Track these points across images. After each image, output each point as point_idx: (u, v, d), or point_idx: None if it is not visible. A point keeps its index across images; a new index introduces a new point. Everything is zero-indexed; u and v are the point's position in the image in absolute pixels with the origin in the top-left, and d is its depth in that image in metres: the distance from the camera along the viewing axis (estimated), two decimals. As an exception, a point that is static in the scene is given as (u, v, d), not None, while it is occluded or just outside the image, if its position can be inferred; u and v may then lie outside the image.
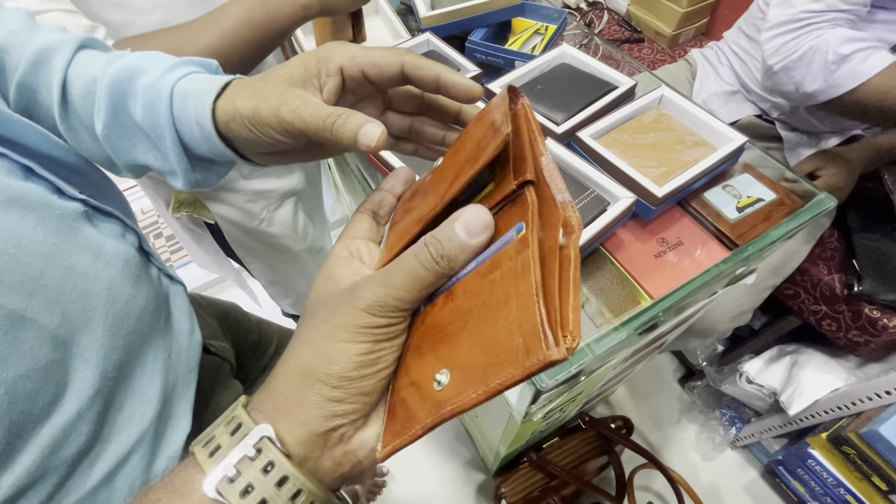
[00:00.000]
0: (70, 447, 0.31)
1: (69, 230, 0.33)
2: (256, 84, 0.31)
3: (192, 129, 0.32)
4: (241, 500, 0.19)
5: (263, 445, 0.20)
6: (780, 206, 0.52)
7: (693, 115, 0.56)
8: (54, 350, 0.30)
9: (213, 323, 0.61)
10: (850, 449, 0.81)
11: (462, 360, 0.19)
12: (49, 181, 0.34)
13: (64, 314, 0.31)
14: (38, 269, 0.29)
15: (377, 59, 0.29)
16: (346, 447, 0.22)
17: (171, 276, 0.46)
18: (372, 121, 0.27)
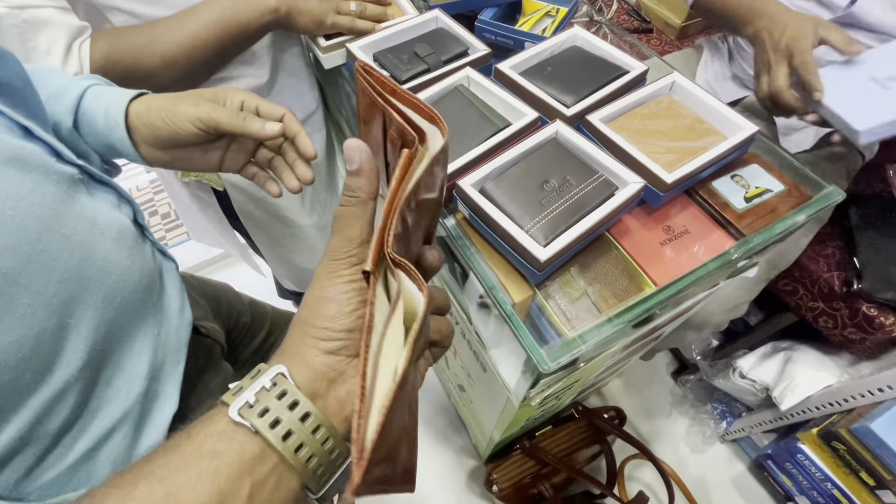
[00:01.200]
0: (55, 419, 0.31)
1: (66, 196, 0.32)
2: (173, 94, 0.42)
3: (95, 118, 0.41)
4: (258, 419, 0.22)
5: (278, 379, 0.23)
6: (788, 198, 0.52)
7: (704, 102, 0.55)
8: (48, 318, 0.29)
9: (204, 304, 0.60)
10: (840, 444, 0.82)
11: None
12: (47, 143, 0.33)
13: (60, 282, 0.30)
14: (35, 234, 0.29)
15: (269, 105, 0.43)
16: (347, 387, 0.25)
17: (164, 252, 0.45)
18: (271, 122, 0.42)
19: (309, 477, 0.23)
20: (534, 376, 0.48)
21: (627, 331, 0.51)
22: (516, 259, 0.46)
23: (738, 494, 1.14)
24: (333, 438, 0.24)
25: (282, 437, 0.22)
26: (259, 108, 0.43)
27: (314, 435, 0.23)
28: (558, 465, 0.94)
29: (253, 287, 0.80)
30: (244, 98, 0.43)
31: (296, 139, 0.44)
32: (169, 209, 1.71)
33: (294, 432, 0.22)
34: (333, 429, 0.24)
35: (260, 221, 0.78)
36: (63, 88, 0.41)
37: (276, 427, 0.22)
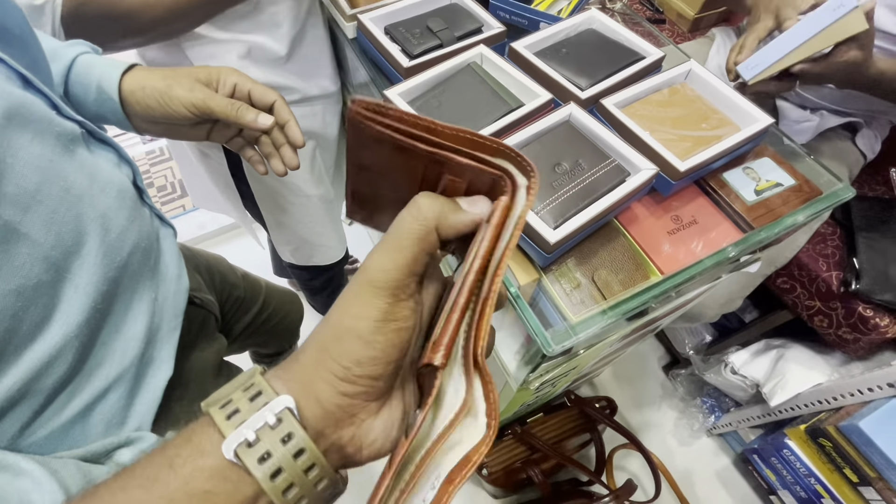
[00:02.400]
0: (52, 375, 0.31)
1: (65, 150, 0.32)
2: (167, 72, 0.43)
3: (87, 90, 0.41)
4: (258, 465, 0.19)
5: (284, 416, 0.20)
6: (799, 193, 0.51)
7: (720, 92, 0.54)
8: (46, 270, 0.29)
9: (199, 276, 0.60)
10: (826, 441, 0.83)
11: None
12: (46, 96, 0.33)
13: (58, 235, 0.30)
14: (34, 184, 0.28)
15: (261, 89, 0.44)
16: (355, 430, 0.22)
17: (161, 217, 0.45)
18: (264, 114, 0.44)
19: None
20: (536, 359, 0.48)
21: (630, 319, 0.51)
22: (524, 241, 0.45)
23: (721, 487, 1.16)
24: (331, 483, 0.21)
25: (282, 491, 0.19)
26: (252, 92, 0.44)
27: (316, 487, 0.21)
28: (549, 451, 0.95)
29: (247, 263, 0.79)
30: (237, 81, 0.44)
31: (286, 127, 0.46)
32: (165, 182, 1.69)
33: (296, 485, 0.20)
34: (332, 476, 0.21)
35: (268, 186, 0.77)
36: (52, 54, 0.41)
37: (276, 478, 0.19)
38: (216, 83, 0.43)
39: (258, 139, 0.47)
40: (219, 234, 1.57)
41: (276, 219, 0.84)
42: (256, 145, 0.49)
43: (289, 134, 0.46)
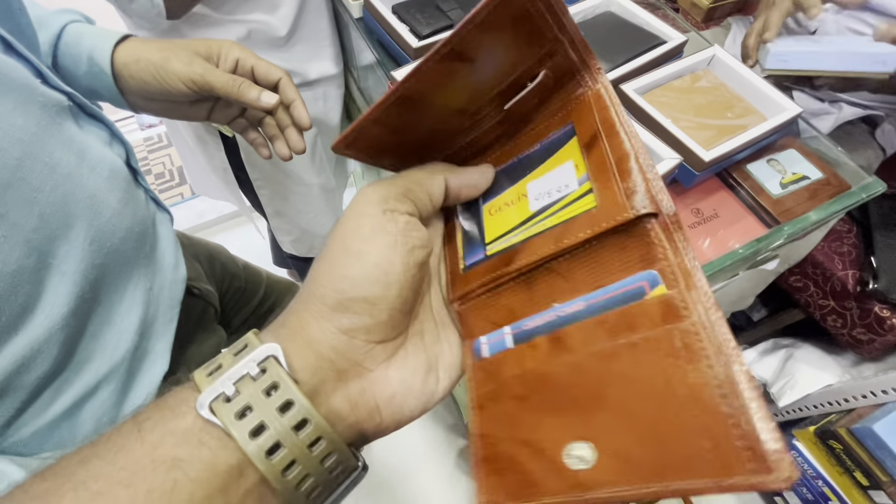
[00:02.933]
0: (35, 370, 0.28)
1: (51, 123, 0.29)
2: (164, 44, 0.39)
3: (78, 62, 0.39)
4: (236, 421, 0.16)
5: (269, 365, 0.17)
6: (826, 187, 0.49)
7: (745, 79, 0.51)
8: (27, 255, 0.26)
9: (198, 265, 0.57)
10: (836, 444, 0.82)
11: (610, 441, 0.16)
12: (31, 63, 0.30)
13: (42, 216, 0.27)
14: (15, 159, 0.26)
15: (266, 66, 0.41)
16: (363, 383, 0.19)
17: (158, 201, 0.43)
18: (268, 91, 0.40)
19: (296, 497, 0.17)
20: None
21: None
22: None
23: (724, 486, 1.15)
24: (338, 453, 0.17)
25: (266, 452, 0.16)
26: (255, 68, 0.40)
27: (311, 450, 0.16)
28: (552, 448, 0.94)
29: (247, 252, 0.77)
30: (239, 56, 0.40)
31: (291, 107, 0.42)
32: (163, 169, 1.66)
33: (284, 446, 0.16)
34: (336, 440, 0.17)
35: (267, 174, 0.75)
36: (38, 22, 0.37)
37: (259, 436, 0.16)
38: (217, 57, 0.40)
39: (262, 120, 0.44)
40: (217, 223, 1.54)
41: (276, 208, 0.82)
42: (260, 127, 0.45)
43: (294, 115, 0.42)
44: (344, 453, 0.17)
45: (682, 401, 0.15)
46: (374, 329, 0.18)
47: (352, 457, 0.18)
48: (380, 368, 0.19)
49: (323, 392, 0.18)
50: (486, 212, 0.24)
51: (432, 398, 0.20)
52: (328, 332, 0.18)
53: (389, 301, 0.18)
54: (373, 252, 0.18)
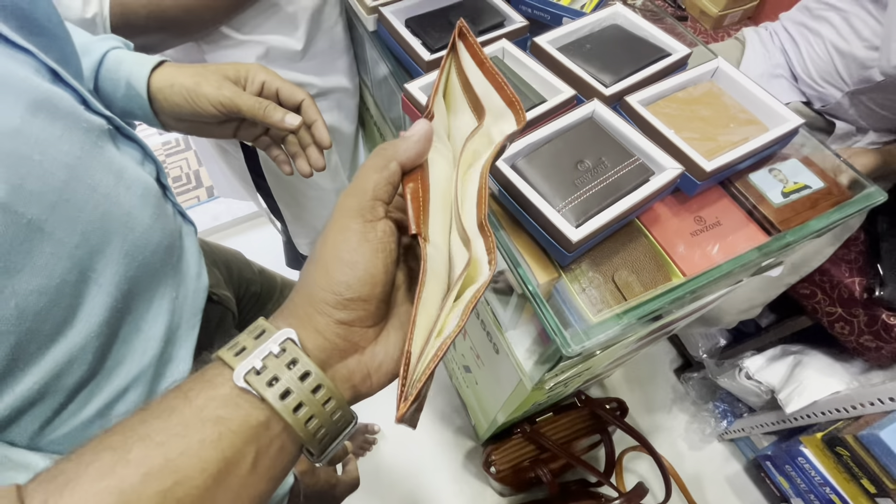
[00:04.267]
0: (72, 375, 0.30)
1: (94, 146, 0.31)
2: (196, 69, 0.42)
3: (117, 86, 0.42)
4: (267, 388, 0.21)
5: (287, 346, 0.22)
6: (828, 196, 0.50)
7: (748, 91, 0.53)
8: (69, 270, 0.28)
9: (216, 271, 0.60)
10: (844, 451, 0.82)
11: None
12: (75, 90, 0.32)
13: (83, 234, 0.29)
14: (61, 182, 0.28)
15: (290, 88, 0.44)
16: (359, 357, 0.24)
17: (184, 214, 0.45)
18: (292, 113, 0.43)
19: (312, 441, 0.23)
20: (554, 359, 0.48)
21: (650, 320, 0.51)
22: (545, 239, 0.44)
23: (732, 493, 1.15)
24: (342, 409, 0.23)
25: (293, 410, 0.21)
26: (280, 91, 0.44)
27: (325, 407, 0.22)
28: (558, 451, 0.95)
29: (260, 254, 0.79)
30: (265, 79, 0.43)
31: (313, 127, 0.45)
32: (180, 172, 1.70)
33: (305, 404, 0.22)
34: (341, 399, 0.23)
35: (284, 181, 0.78)
36: (83, 48, 0.41)
37: (286, 398, 0.21)
38: (244, 80, 0.43)
39: (284, 138, 0.47)
40: (232, 226, 1.58)
41: (293, 212, 0.84)
42: (283, 144, 0.48)
43: (316, 134, 0.45)
44: (346, 409, 0.23)
45: None
46: (366, 319, 0.24)
47: (350, 411, 0.24)
48: (370, 346, 0.24)
49: (330, 366, 0.23)
50: None
51: None
52: (331, 323, 0.23)
53: (377, 296, 0.23)
54: (361, 261, 0.23)
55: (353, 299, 0.23)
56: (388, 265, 0.24)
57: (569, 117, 0.49)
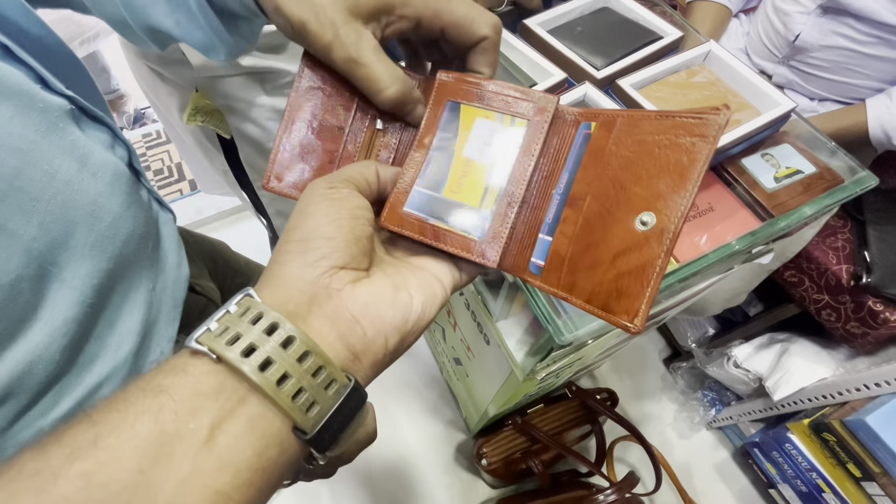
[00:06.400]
0: (36, 375, 0.28)
1: (52, 129, 0.28)
2: None
3: None
4: (215, 339, 0.19)
5: (245, 301, 0.20)
6: (820, 180, 0.50)
7: (740, 74, 0.52)
8: (26, 265, 0.26)
9: (200, 262, 0.57)
10: (830, 436, 0.83)
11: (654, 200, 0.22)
12: (31, 67, 0.29)
13: (41, 225, 0.27)
14: (12, 168, 0.25)
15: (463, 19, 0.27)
16: (335, 302, 0.21)
17: (161, 201, 0.42)
18: None
19: (288, 404, 0.18)
20: (546, 349, 0.47)
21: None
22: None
23: (720, 480, 1.16)
24: (315, 356, 0.19)
25: (242, 353, 0.18)
26: None
27: (285, 349, 0.19)
28: (549, 442, 0.94)
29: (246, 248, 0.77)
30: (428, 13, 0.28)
31: None
32: (162, 165, 1.66)
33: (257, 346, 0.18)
34: (313, 344, 0.19)
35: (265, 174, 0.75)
36: None
37: (235, 343, 0.18)
38: (390, 14, 0.28)
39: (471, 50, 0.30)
40: (217, 220, 1.54)
41: (277, 208, 0.82)
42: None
43: None
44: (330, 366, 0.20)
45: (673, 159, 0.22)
46: (333, 255, 0.22)
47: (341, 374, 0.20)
48: (346, 287, 0.22)
49: (299, 315, 0.20)
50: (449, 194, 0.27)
51: (409, 311, 0.23)
52: (295, 269, 0.21)
53: (344, 236, 0.22)
54: (322, 209, 0.22)
55: (314, 239, 0.22)
56: (354, 216, 0.23)
57: (560, 100, 0.48)
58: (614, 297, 0.22)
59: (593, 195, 0.24)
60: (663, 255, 0.21)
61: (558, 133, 0.26)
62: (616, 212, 0.23)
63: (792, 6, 0.80)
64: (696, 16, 0.90)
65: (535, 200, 0.26)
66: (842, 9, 0.73)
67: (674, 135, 0.22)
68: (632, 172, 0.23)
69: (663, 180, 0.21)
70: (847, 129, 0.77)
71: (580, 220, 0.24)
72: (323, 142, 0.30)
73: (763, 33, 0.88)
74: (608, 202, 0.23)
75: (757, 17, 0.91)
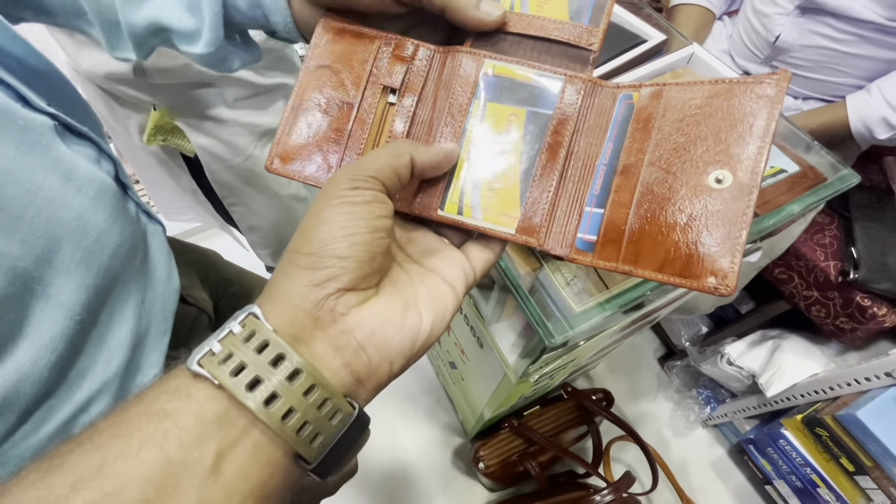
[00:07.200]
0: (24, 393, 0.28)
1: (34, 146, 0.28)
2: None
3: None
4: (219, 366, 0.18)
5: (248, 321, 0.20)
6: (803, 179, 0.50)
7: (723, 76, 0.53)
8: (11, 283, 0.26)
9: (191, 272, 0.57)
10: (823, 431, 0.84)
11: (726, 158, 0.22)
12: (10, 86, 0.29)
13: (24, 243, 0.26)
14: None
15: None
16: (340, 326, 0.20)
17: (149, 213, 0.41)
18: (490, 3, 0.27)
19: (292, 438, 0.18)
20: (537, 351, 0.47)
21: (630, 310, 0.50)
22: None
23: (717, 477, 1.17)
24: (320, 388, 0.19)
25: (247, 386, 0.18)
26: None
27: (290, 383, 0.18)
28: (546, 444, 0.95)
29: (239, 258, 0.76)
30: None
31: None
32: (152, 174, 1.65)
33: (263, 380, 0.18)
34: (320, 377, 0.19)
35: (235, 190, 0.73)
36: None
37: (240, 374, 0.18)
38: None
39: None
40: (206, 229, 1.53)
41: (249, 223, 0.80)
42: None
43: None
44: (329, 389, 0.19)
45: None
46: (342, 277, 0.20)
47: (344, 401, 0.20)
48: (353, 311, 0.21)
49: (303, 340, 0.20)
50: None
51: (418, 333, 0.22)
52: (301, 287, 0.20)
53: (357, 256, 0.21)
54: (340, 218, 0.21)
55: (326, 256, 0.20)
56: (374, 227, 0.21)
57: (546, 105, 0.48)
58: (695, 261, 0.21)
59: (651, 161, 0.24)
60: (748, 210, 0.21)
61: (595, 104, 0.26)
62: (682, 175, 0.23)
63: (771, 8, 0.81)
64: (680, 19, 0.92)
65: (578, 172, 0.26)
66: (819, 8, 0.75)
67: (736, 97, 0.22)
68: (693, 135, 0.23)
69: (732, 139, 0.22)
70: (829, 124, 0.78)
71: (638, 188, 0.24)
72: (331, 119, 0.28)
73: (744, 35, 0.89)
74: (670, 166, 0.23)
75: (738, 20, 0.92)
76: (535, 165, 0.26)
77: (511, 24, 0.27)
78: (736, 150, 0.22)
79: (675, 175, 0.23)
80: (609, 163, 0.25)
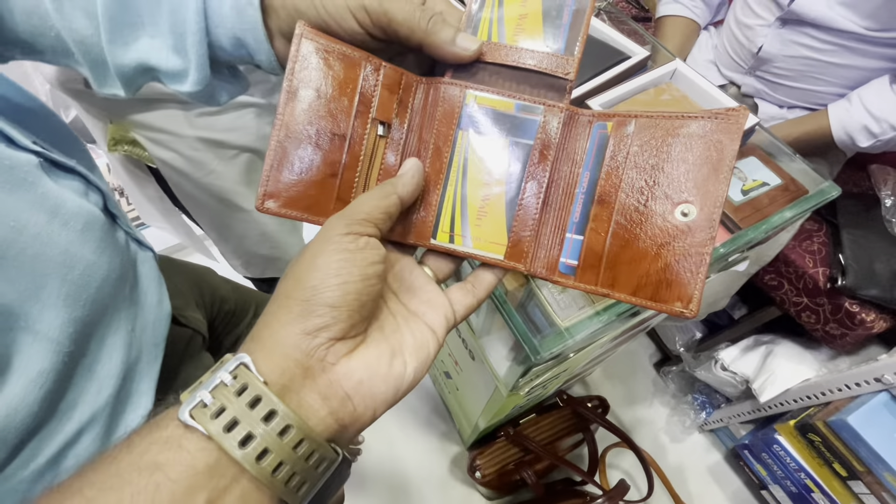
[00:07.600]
0: (14, 428, 0.28)
1: (19, 184, 0.28)
2: None
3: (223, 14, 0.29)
4: (212, 421, 0.18)
5: (239, 372, 0.20)
6: (785, 192, 0.51)
7: (705, 91, 0.54)
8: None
9: (185, 290, 0.56)
10: (815, 436, 0.84)
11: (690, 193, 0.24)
12: None
13: (9, 281, 0.27)
14: None
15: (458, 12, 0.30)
16: (329, 376, 0.21)
17: (139, 240, 0.41)
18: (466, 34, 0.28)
19: (281, 489, 0.19)
20: (525, 365, 0.48)
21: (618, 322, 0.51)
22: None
23: (713, 482, 1.17)
24: (308, 441, 0.20)
25: (240, 443, 0.18)
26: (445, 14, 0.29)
27: (281, 438, 0.19)
28: (542, 452, 0.95)
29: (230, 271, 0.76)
30: None
31: None
32: (149, 186, 1.65)
33: (255, 436, 0.18)
34: (308, 430, 0.20)
35: (201, 202, 0.71)
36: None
37: (233, 430, 0.18)
38: None
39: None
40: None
41: (218, 234, 0.79)
42: None
43: None
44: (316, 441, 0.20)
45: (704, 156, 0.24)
46: (333, 327, 0.21)
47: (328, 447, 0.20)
48: (342, 361, 0.22)
49: (293, 389, 0.20)
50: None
51: (402, 381, 0.23)
52: (292, 335, 0.21)
53: (349, 305, 0.21)
54: (333, 265, 0.21)
55: (318, 304, 0.20)
56: (366, 275, 0.22)
57: (531, 123, 0.49)
58: (664, 286, 0.23)
59: (624, 192, 0.25)
60: (709, 242, 0.22)
61: (572, 133, 0.27)
62: (653, 206, 0.24)
63: (753, 19, 0.83)
64: (666, 31, 0.93)
65: (559, 200, 0.27)
66: (800, 19, 0.76)
67: (698, 133, 0.23)
68: (660, 170, 0.24)
69: (695, 175, 0.23)
70: (813, 133, 0.80)
71: (613, 217, 0.25)
72: (324, 153, 0.27)
73: (729, 46, 0.91)
74: (641, 198, 0.24)
75: (723, 31, 0.94)
76: (519, 194, 0.27)
77: (489, 55, 0.28)
78: (700, 185, 0.23)
79: (647, 206, 0.24)
80: (587, 191, 0.26)
